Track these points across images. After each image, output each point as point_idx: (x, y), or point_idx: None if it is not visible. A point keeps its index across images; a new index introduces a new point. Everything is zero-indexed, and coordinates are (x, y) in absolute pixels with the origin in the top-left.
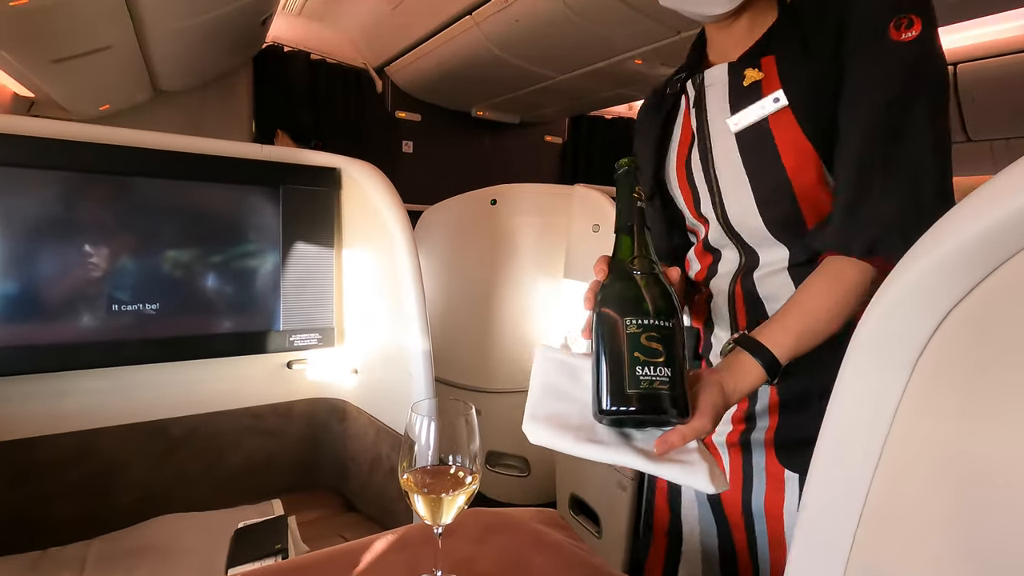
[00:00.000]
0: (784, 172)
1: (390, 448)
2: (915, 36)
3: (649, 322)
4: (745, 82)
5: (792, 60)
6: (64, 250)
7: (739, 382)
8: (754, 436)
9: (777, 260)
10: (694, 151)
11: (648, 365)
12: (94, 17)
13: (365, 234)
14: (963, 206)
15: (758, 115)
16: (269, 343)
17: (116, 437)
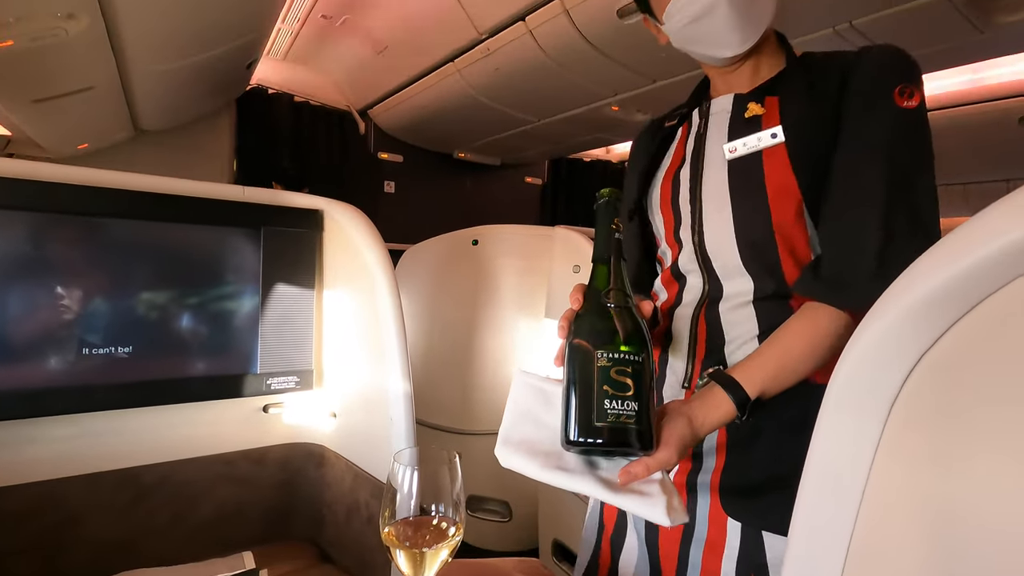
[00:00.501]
0: (766, 203)
1: (368, 495)
2: (916, 105)
3: (620, 356)
4: (747, 114)
5: (795, 103)
6: (34, 292)
7: (708, 415)
8: (700, 479)
9: (742, 292)
10: (683, 173)
11: (616, 399)
12: (79, 59)
13: (347, 276)
14: (928, 256)
15: (754, 146)
16: (246, 386)
17: (82, 486)
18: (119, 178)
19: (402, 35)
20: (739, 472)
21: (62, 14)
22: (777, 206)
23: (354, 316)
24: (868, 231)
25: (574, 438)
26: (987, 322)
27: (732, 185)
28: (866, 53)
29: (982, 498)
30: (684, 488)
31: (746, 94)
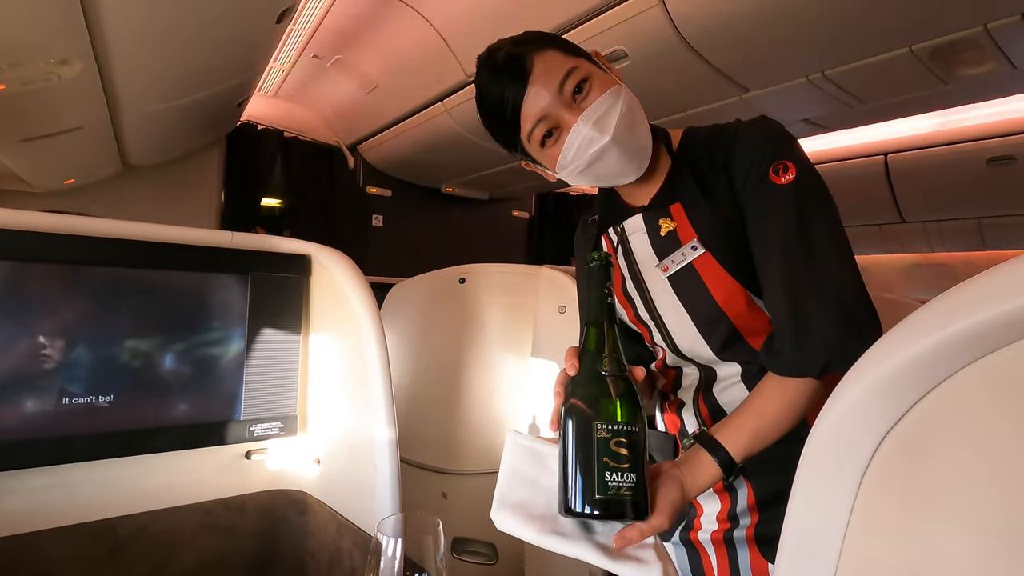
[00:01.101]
0: (717, 305)
1: (351, 545)
2: (792, 179)
3: (618, 427)
4: (662, 232)
5: (697, 207)
6: (16, 341)
7: (697, 478)
8: (737, 534)
9: (732, 374)
10: (631, 291)
11: (616, 471)
12: (70, 101)
13: (333, 320)
14: (894, 333)
15: (681, 261)
16: (229, 433)
17: (59, 539)
18: (105, 226)
19: (392, 75)
20: (773, 524)
21: (56, 60)
22: (727, 304)
23: (340, 362)
24: (782, 308)
25: (574, 507)
26: (949, 401)
27: (681, 298)
28: (739, 135)
29: (949, 572)
30: (723, 544)
31: (651, 208)
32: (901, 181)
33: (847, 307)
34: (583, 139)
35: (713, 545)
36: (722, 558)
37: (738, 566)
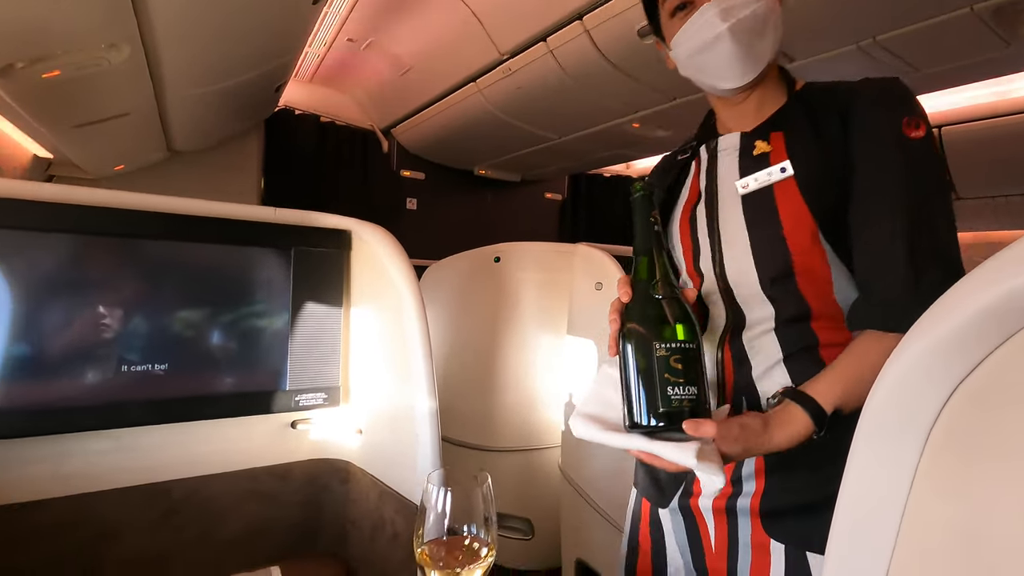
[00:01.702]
0: (782, 232)
1: (393, 512)
2: (923, 134)
3: (676, 345)
4: (755, 152)
5: (800, 138)
6: (76, 312)
7: (784, 428)
8: (740, 503)
9: (764, 319)
10: (700, 208)
11: (677, 385)
12: (118, 86)
13: (374, 294)
14: (964, 283)
15: (765, 181)
16: (275, 402)
17: (116, 500)
18: (156, 201)
19: (425, 57)
20: (778, 496)
21: (105, 45)
22: (792, 234)
23: (380, 334)
24: (898, 265)
25: (639, 421)
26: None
27: (748, 219)
28: (865, 88)
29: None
30: (724, 513)
31: (751, 132)
32: (955, 154)
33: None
34: (705, 21)
35: (713, 514)
36: (721, 528)
37: (737, 538)
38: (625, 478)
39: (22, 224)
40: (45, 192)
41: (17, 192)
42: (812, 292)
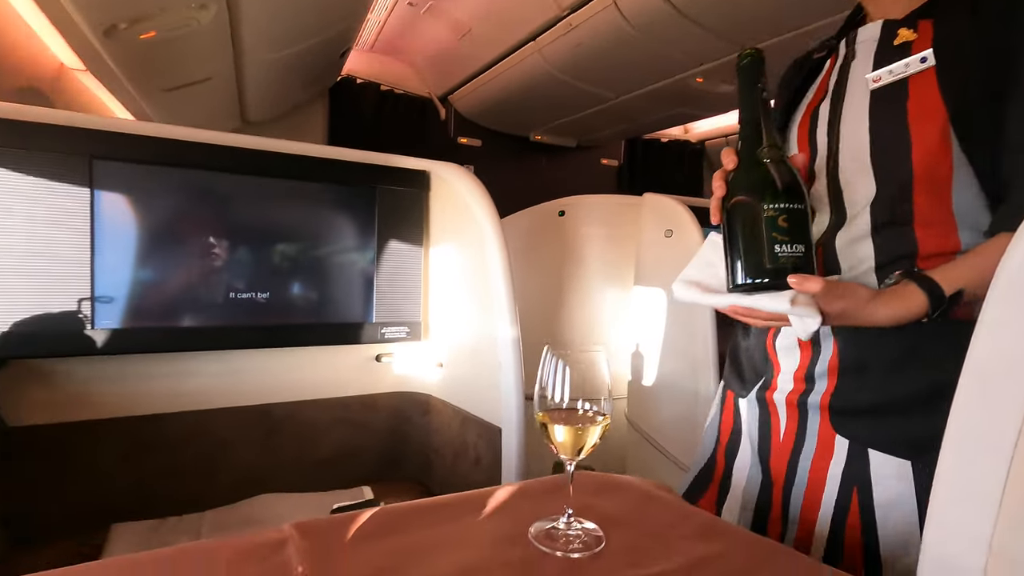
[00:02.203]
0: (907, 133)
1: (476, 437)
2: None
3: (784, 206)
4: (896, 40)
5: (952, 24)
6: (191, 241)
7: (894, 303)
8: (811, 399)
9: (864, 224)
10: (823, 107)
11: (785, 243)
12: (203, 49)
13: (455, 230)
14: None
15: (901, 72)
16: (363, 334)
17: (226, 418)
18: (262, 142)
19: (485, 18)
20: (848, 396)
21: (195, 5)
22: (920, 135)
23: (462, 268)
24: None
25: (744, 281)
26: None
27: (872, 113)
28: None
29: None
30: (796, 407)
31: (898, 20)
32: None
33: None
34: None
35: (786, 407)
36: (791, 421)
37: (805, 431)
38: (693, 423)
39: (148, 159)
40: (166, 131)
41: (145, 131)
42: (926, 196)
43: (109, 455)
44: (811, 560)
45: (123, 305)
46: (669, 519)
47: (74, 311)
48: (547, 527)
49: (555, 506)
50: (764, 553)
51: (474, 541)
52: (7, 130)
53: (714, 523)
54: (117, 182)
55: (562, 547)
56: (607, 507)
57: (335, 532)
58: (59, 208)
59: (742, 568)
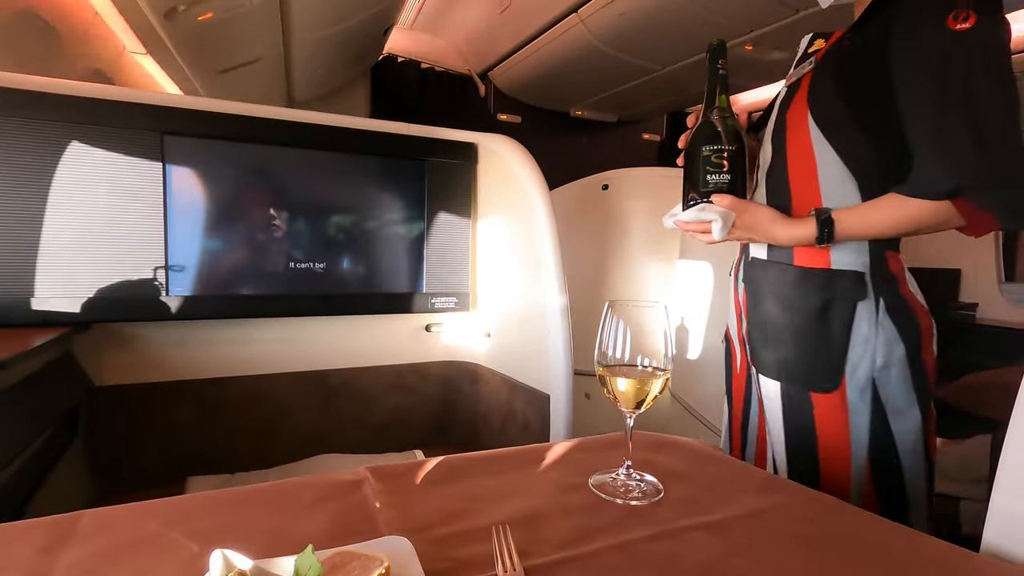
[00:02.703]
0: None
1: (524, 404)
2: (968, 27)
3: (717, 147)
4: (811, 48)
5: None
6: (254, 212)
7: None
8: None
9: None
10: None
11: (714, 174)
12: (254, 30)
13: (502, 202)
14: None
15: (796, 75)
16: (414, 303)
17: (287, 383)
18: (318, 116)
19: None
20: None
21: None
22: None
23: (511, 238)
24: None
25: (688, 200)
26: None
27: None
28: None
29: None
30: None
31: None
32: None
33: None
34: None
35: (739, 342)
36: (743, 352)
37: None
38: None
39: (214, 134)
40: (230, 107)
41: (211, 107)
42: (797, 181)
43: (183, 414)
44: (869, 514)
45: (193, 274)
46: (727, 475)
47: (150, 279)
48: (607, 478)
49: (613, 460)
50: (822, 507)
51: (535, 489)
52: (86, 108)
53: (772, 479)
54: (186, 156)
55: (622, 495)
56: (665, 462)
57: (406, 477)
58: (135, 181)
59: (800, 520)
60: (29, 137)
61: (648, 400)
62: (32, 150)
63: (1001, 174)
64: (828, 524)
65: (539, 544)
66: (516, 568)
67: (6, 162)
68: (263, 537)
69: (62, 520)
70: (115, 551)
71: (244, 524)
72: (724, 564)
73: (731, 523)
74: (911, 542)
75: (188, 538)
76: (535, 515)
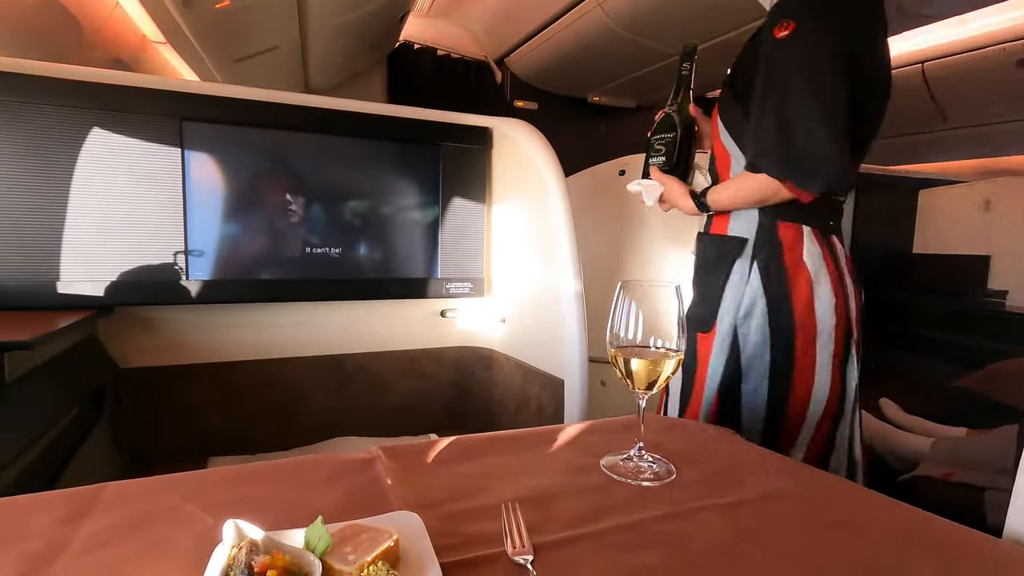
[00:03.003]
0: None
1: (539, 389)
2: (786, 35)
3: (661, 136)
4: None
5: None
6: (270, 198)
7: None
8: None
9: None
10: None
11: (655, 156)
12: (272, 17)
13: (517, 187)
14: None
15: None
16: (429, 289)
17: (303, 366)
18: (333, 102)
19: None
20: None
21: None
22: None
23: (526, 224)
24: (750, 137)
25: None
26: None
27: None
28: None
29: None
30: None
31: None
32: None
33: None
34: None
35: None
36: None
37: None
38: None
39: (231, 119)
40: (246, 93)
41: (228, 92)
42: (720, 168)
43: (204, 396)
44: (888, 499)
45: (212, 258)
46: (739, 458)
47: (170, 263)
48: (618, 459)
49: (625, 442)
50: (833, 490)
51: (547, 469)
52: (107, 95)
53: (784, 462)
54: (204, 142)
55: (633, 476)
56: (677, 445)
57: (418, 456)
58: (154, 167)
59: (814, 502)
60: (53, 124)
61: (660, 381)
62: (56, 136)
63: (793, 154)
64: (842, 508)
65: (549, 522)
66: (525, 544)
67: (31, 149)
68: (277, 510)
69: (85, 492)
70: (134, 522)
71: (259, 498)
72: (734, 547)
73: (742, 506)
74: (930, 527)
75: (204, 511)
76: (545, 494)
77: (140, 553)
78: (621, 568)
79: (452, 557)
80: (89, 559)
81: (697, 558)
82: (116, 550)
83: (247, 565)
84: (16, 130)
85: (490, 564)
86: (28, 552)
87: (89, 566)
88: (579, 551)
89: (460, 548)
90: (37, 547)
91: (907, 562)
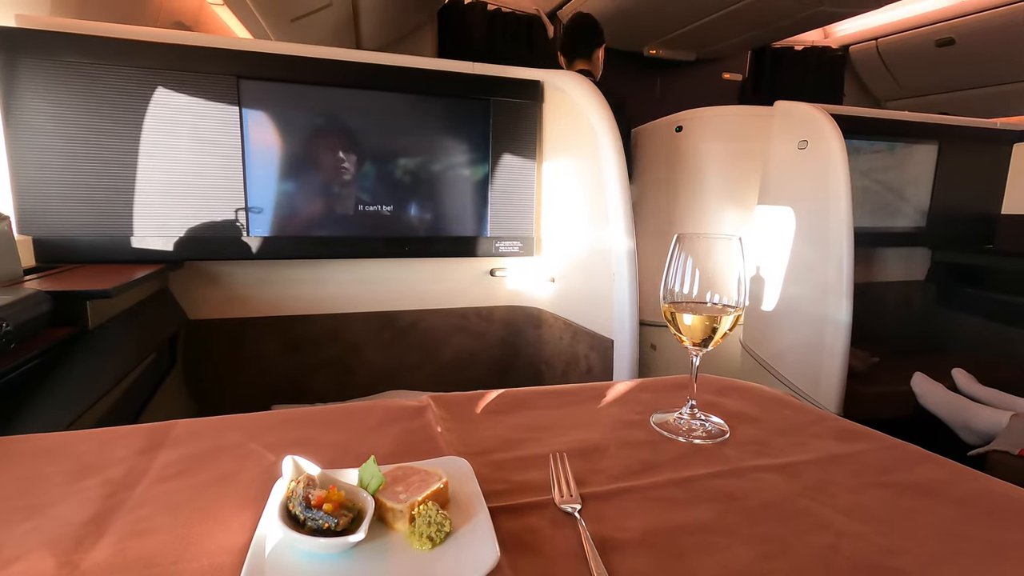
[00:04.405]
0: None
1: (588, 349)
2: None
3: None
4: None
5: None
6: (324, 155)
7: None
8: None
9: None
10: None
11: None
12: None
13: (570, 142)
14: None
15: None
16: (478, 247)
17: (360, 322)
18: (384, 57)
19: None
20: None
21: None
22: None
23: (578, 180)
24: None
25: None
26: None
27: None
28: None
29: None
30: None
31: None
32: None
33: None
34: None
35: None
36: None
37: None
38: (819, 349)
39: (286, 77)
40: (301, 50)
41: (283, 50)
42: None
43: (266, 348)
44: (956, 464)
45: (270, 215)
46: (801, 421)
47: (232, 220)
48: (669, 416)
49: (676, 401)
50: (904, 455)
51: (596, 423)
52: (168, 54)
53: (851, 427)
54: (260, 100)
55: (685, 434)
56: (732, 405)
57: (468, 406)
58: (215, 125)
59: (880, 467)
60: (120, 84)
61: (716, 337)
62: (123, 97)
63: None
64: (909, 472)
65: (597, 474)
66: (573, 494)
67: (102, 109)
68: (332, 451)
69: (159, 427)
70: (203, 456)
71: (315, 439)
72: (791, 504)
73: (803, 466)
74: (996, 492)
75: (265, 448)
76: (594, 447)
77: (209, 484)
78: (671, 522)
79: (500, 502)
80: (165, 487)
81: (755, 512)
82: (188, 480)
83: (304, 498)
84: (87, 91)
85: (538, 511)
86: (112, 478)
87: (166, 493)
88: (627, 503)
89: (508, 494)
90: (119, 474)
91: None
